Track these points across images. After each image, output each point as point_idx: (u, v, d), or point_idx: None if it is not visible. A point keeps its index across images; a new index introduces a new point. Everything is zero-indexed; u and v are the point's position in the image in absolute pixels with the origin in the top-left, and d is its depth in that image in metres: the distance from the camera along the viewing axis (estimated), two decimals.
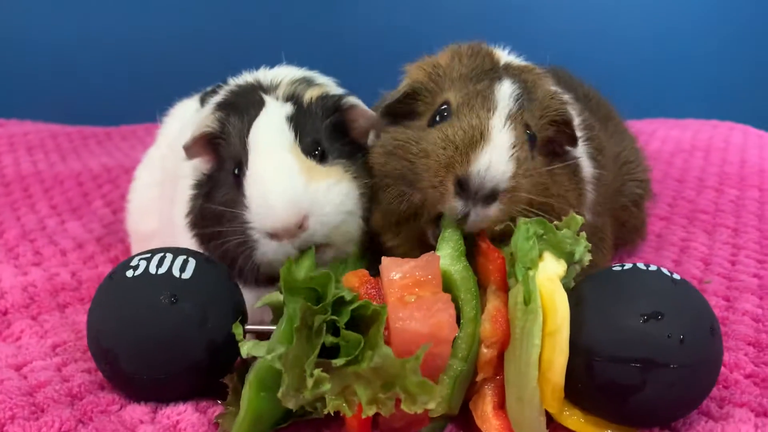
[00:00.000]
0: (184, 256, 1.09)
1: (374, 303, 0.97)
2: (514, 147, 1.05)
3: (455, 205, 1.05)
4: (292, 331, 0.92)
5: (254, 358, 0.99)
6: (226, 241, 1.16)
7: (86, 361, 1.20)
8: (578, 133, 1.23)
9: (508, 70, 1.21)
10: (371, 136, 1.34)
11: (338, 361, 0.91)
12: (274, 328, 1.01)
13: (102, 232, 1.98)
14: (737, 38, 3.83)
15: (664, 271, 1.00)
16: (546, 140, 1.20)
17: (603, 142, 1.47)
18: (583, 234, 1.06)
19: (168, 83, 3.52)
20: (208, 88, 1.77)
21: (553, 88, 1.26)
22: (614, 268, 1.04)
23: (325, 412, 0.92)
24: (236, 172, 1.19)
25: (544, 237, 1.06)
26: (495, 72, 1.19)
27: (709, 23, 3.82)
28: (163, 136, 1.72)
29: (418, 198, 1.11)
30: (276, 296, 1.07)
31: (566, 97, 1.31)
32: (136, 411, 1.04)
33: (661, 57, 3.84)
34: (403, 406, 0.88)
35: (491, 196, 1.04)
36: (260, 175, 1.13)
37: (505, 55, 1.29)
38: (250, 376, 0.96)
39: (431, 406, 0.88)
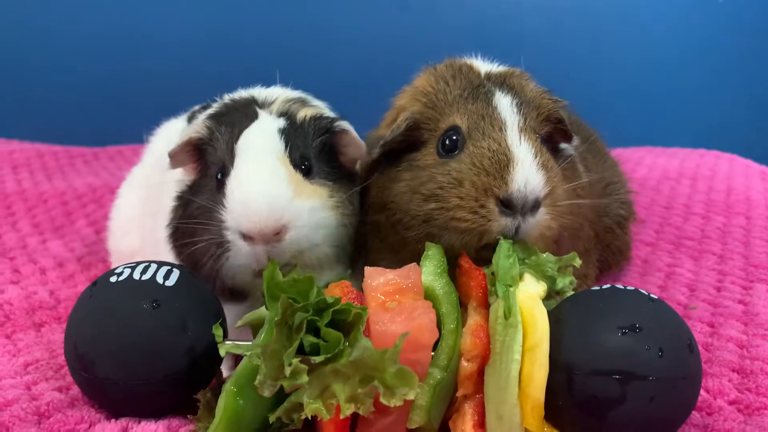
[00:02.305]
0: (169, 267, 1.09)
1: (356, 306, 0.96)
2: (536, 156, 1.11)
3: (504, 222, 1.09)
4: (272, 329, 0.91)
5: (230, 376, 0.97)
6: (198, 242, 1.15)
7: (57, 380, 1.17)
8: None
9: (492, 79, 1.26)
10: (358, 166, 1.34)
11: (318, 358, 0.90)
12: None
13: (83, 251, 1.96)
14: (725, 68, 3.86)
15: (641, 291, 1.01)
16: (545, 138, 1.24)
17: (588, 158, 1.49)
18: (570, 270, 1.10)
19: (157, 105, 3.53)
20: (196, 107, 1.77)
21: (539, 87, 1.29)
22: (593, 289, 1.04)
23: (303, 418, 0.90)
24: (219, 176, 1.18)
25: (526, 261, 1.10)
26: (483, 86, 1.24)
27: (697, 52, 3.86)
28: (149, 155, 1.72)
29: (459, 238, 1.12)
30: (257, 313, 1.06)
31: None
32: (106, 430, 1.01)
33: (649, 86, 3.88)
34: (382, 399, 0.87)
35: (535, 206, 1.09)
36: (245, 177, 1.12)
37: (482, 64, 1.34)
38: (228, 385, 0.94)
39: (410, 396, 0.87)
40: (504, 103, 1.19)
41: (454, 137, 1.18)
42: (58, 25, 3.67)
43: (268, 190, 1.10)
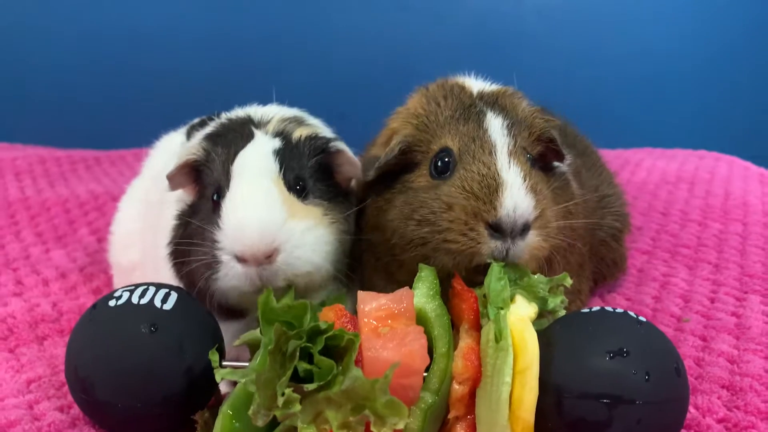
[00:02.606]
0: (167, 290, 1.11)
1: (348, 333, 0.98)
2: (525, 180, 1.13)
3: (494, 245, 1.11)
4: (266, 356, 0.93)
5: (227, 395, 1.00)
6: (194, 262, 1.17)
7: (59, 398, 1.20)
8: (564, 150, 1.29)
9: (484, 99, 1.27)
10: (353, 183, 1.36)
11: (311, 386, 0.92)
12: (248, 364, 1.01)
13: (86, 261, 1.98)
14: (725, 67, 3.87)
15: (630, 313, 1.03)
16: (537, 157, 1.25)
17: (582, 173, 1.50)
18: (561, 289, 1.12)
19: (160, 108, 3.56)
20: (195, 121, 1.79)
21: (531, 106, 1.30)
22: (582, 311, 1.07)
23: None
24: (215, 197, 1.20)
25: (518, 282, 1.12)
26: (475, 107, 1.25)
27: (697, 50, 3.86)
28: (148, 168, 1.73)
29: (450, 259, 1.14)
30: (253, 334, 1.08)
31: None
32: None
33: (650, 86, 3.88)
34: (373, 428, 0.89)
35: (525, 230, 1.11)
36: (240, 198, 1.14)
37: (474, 83, 1.35)
38: (224, 407, 0.96)
39: (400, 426, 0.89)
40: (495, 125, 1.21)
41: (446, 159, 1.19)
42: (60, 26, 3.70)
43: (261, 213, 1.12)
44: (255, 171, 1.18)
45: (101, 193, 2.63)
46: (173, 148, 1.68)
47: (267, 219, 1.11)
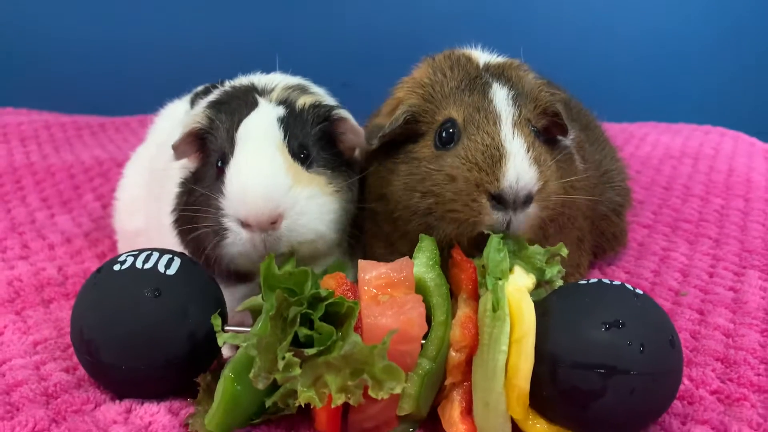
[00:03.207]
0: (170, 256, 1.13)
1: (348, 300, 1.00)
2: (529, 151, 1.12)
3: (496, 217, 1.11)
4: (268, 321, 0.95)
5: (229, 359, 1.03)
6: (199, 228, 1.18)
7: (65, 360, 1.22)
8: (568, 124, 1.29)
9: (491, 71, 1.27)
10: (357, 152, 1.36)
11: (310, 351, 0.94)
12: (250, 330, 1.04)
13: (91, 226, 2.00)
14: (732, 42, 3.84)
15: (627, 286, 1.04)
16: (541, 130, 1.25)
17: (585, 147, 1.50)
18: (558, 259, 1.12)
19: (164, 76, 3.55)
20: (199, 88, 1.79)
21: (537, 79, 1.30)
22: (580, 283, 1.08)
23: (297, 404, 0.95)
24: (219, 164, 1.21)
25: (516, 253, 1.13)
26: (481, 78, 1.25)
27: (706, 25, 3.83)
28: (153, 135, 1.74)
29: (454, 228, 1.15)
30: (255, 300, 1.10)
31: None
32: (110, 411, 1.06)
33: (657, 59, 3.86)
34: (370, 392, 0.91)
35: (527, 201, 1.12)
36: (244, 165, 1.15)
37: (481, 55, 1.34)
38: (226, 371, 0.99)
39: (397, 390, 0.91)
40: (500, 96, 1.21)
41: (450, 129, 1.20)
42: None
43: (265, 179, 1.13)
44: (259, 138, 1.19)
45: (106, 159, 2.64)
46: (178, 115, 1.68)
47: (271, 184, 1.12)
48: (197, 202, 1.21)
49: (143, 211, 1.56)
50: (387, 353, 0.92)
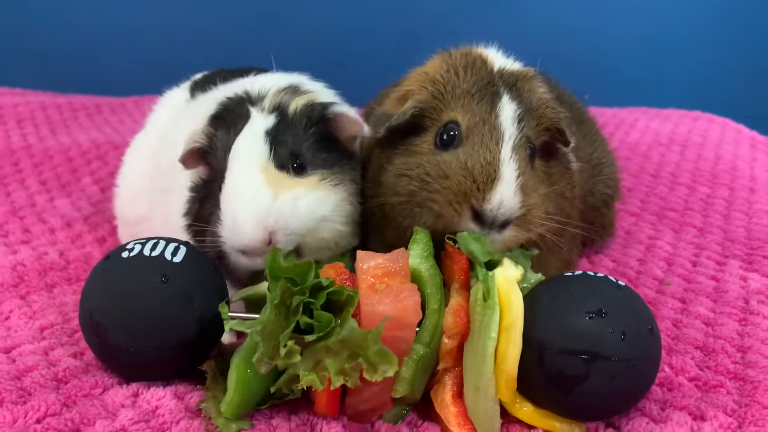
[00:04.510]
0: (176, 244, 1.17)
1: (348, 289, 1.05)
2: (519, 177, 1.16)
3: (472, 227, 1.16)
4: (273, 309, 1.01)
5: (232, 349, 1.08)
6: (206, 242, 1.24)
7: (72, 345, 1.27)
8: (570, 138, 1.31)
9: (504, 78, 1.28)
10: (358, 143, 1.39)
11: (311, 337, 1.00)
12: (257, 316, 1.08)
13: (90, 210, 2.03)
14: (725, 27, 3.87)
15: (610, 278, 1.10)
16: (542, 145, 1.29)
17: (579, 143, 1.54)
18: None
19: (159, 57, 3.57)
20: (198, 76, 1.82)
21: (546, 95, 1.32)
22: (566, 275, 1.13)
23: (299, 388, 1.01)
24: (221, 186, 1.24)
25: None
26: (493, 85, 1.26)
27: (700, 11, 3.86)
28: (152, 123, 1.76)
29: (431, 218, 1.19)
30: (251, 290, 1.16)
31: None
32: (118, 395, 1.11)
33: (647, 44, 3.89)
34: (365, 375, 0.97)
35: (504, 225, 1.16)
36: (230, 194, 1.20)
37: (497, 58, 1.36)
38: (236, 359, 1.05)
39: (390, 373, 0.96)
40: (507, 113, 1.22)
41: (452, 132, 1.22)
42: None
43: (249, 207, 1.17)
44: (243, 161, 1.22)
45: (103, 142, 2.67)
46: (176, 104, 1.72)
47: (254, 211, 1.16)
48: (205, 219, 1.26)
49: (146, 200, 1.58)
50: (382, 338, 0.97)
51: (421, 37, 3.33)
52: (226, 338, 1.28)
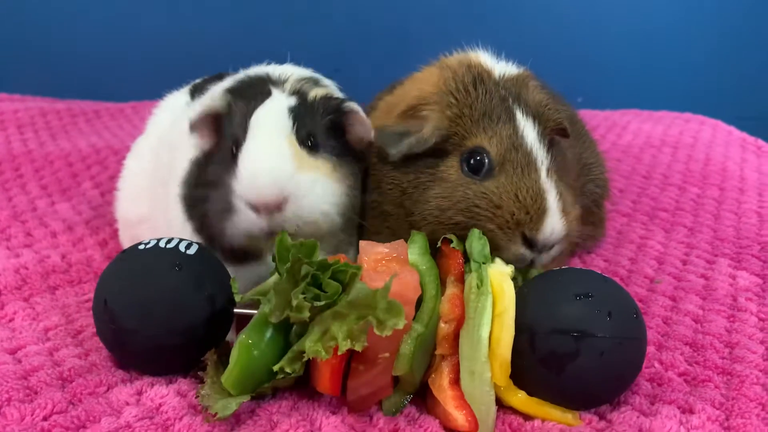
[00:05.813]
0: (189, 241, 1.23)
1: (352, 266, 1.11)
2: (559, 202, 1.25)
3: (523, 253, 1.24)
4: (284, 273, 1.08)
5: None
6: (209, 204, 1.28)
7: (76, 346, 1.29)
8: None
9: (508, 89, 1.33)
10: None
11: (320, 303, 1.06)
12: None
13: (91, 214, 2.06)
14: (715, 29, 3.91)
15: (596, 272, 1.18)
16: (548, 143, 1.33)
17: (573, 143, 1.59)
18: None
19: (158, 63, 3.59)
20: (198, 80, 1.85)
21: (542, 94, 1.37)
22: (554, 269, 1.21)
23: (305, 358, 1.05)
24: (234, 150, 1.28)
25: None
26: (503, 100, 1.30)
27: (689, 12, 3.90)
28: (153, 126, 1.79)
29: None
30: (264, 286, 1.20)
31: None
32: (122, 393, 1.13)
33: (639, 46, 3.93)
34: (376, 331, 1.01)
35: (552, 246, 1.26)
36: (255, 152, 1.24)
37: (494, 65, 1.39)
38: (242, 337, 1.09)
39: (400, 325, 1.00)
40: (529, 133, 1.28)
41: (479, 158, 1.26)
42: None
43: (272, 166, 1.22)
44: (270, 127, 1.27)
45: (102, 147, 2.69)
46: (177, 107, 1.75)
47: (278, 171, 1.21)
48: (209, 180, 1.30)
49: (147, 199, 1.61)
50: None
51: (417, 43, 3.38)
52: (231, 337, 1.31)
